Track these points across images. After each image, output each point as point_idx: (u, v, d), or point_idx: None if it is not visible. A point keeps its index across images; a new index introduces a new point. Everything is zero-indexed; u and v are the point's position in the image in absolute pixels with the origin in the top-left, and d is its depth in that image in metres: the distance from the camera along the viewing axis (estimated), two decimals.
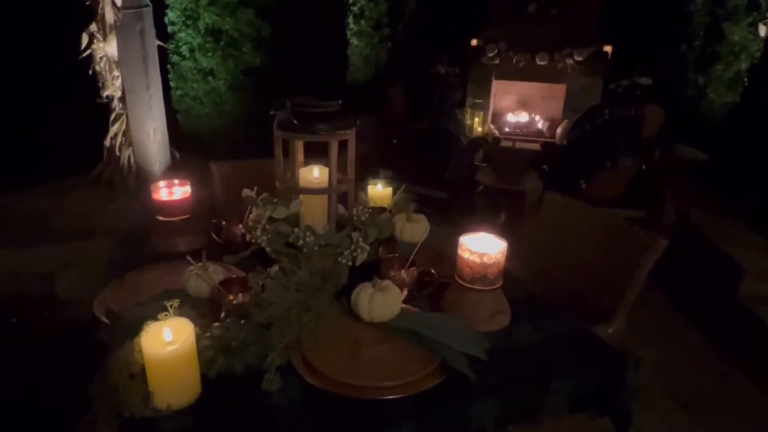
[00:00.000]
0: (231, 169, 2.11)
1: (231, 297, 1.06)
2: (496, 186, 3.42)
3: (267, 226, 1.22)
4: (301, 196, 1.28)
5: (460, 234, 1.19)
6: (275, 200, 1.27)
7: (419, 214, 1.54)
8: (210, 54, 3.43)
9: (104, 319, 1.11)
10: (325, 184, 1.27)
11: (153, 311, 1.03)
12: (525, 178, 3.52)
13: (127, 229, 1.65)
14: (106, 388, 0.82)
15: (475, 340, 1.05)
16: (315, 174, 1.29)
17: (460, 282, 1.16)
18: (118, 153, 3.15)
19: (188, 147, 3.56)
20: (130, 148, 3.17)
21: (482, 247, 1.16)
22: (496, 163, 3.70)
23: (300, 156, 1.33)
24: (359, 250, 1.21)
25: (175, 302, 0.91)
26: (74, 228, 2.77)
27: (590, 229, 1.68)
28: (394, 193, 1.72)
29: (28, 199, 2.82)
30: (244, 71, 3.57)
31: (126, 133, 3.14)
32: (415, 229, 1.48)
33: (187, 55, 3.45)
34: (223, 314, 1.03)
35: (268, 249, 1.22)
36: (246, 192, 1.27)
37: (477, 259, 1.11)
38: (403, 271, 1.22)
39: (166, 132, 3.27)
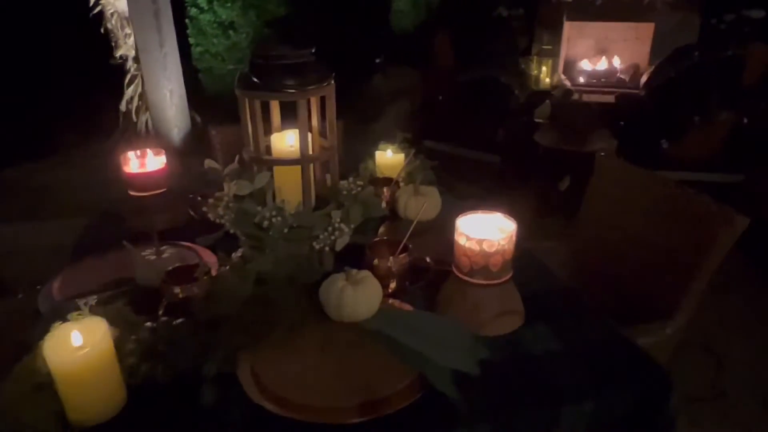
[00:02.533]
0: (233, 134, 2.03)
1: (177, 289, 0.98)
2: (559, 148, 3.16)
3: (230, 204, 1.12)
4: (275, 168, 1.17)
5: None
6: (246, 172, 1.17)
7: (429, 187, 1.39)
8: (229, 5, 3.35)
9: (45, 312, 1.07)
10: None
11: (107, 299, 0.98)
12: (594, 137, 3.23)
13: (104, 204, 1.61)
14: (4, 402, 0.76)
15: (469, 348, 0.91)
16: (289, 141, 1.17)
17: (458, 274, 1.01)
18: (135, 118, 3.18)
19: (212, 109, 3.53)
20: (148, 113, 3.19)
21: (484, 230, 1.01)
22: (560, 121, 3.41)
23: (275, 118, 1.21)
24: (337, 233, 1.09)
25: (92, 299, 0.83)
26: (89, 200, 2.84)
27: (650, 200, 1.46)
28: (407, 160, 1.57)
29: (43, 171, 2.91)
30: (267, 22, 3.47)
31: (142, 96, 3.16)
32: (421, 205, 1.33)
33: (205, 7, 3.39)
34: (161, 310, 0.95)
35: (232, 231, 1.13)
36: (209, 162, 1.17)
37: (475, 247, 0.96)
38: (390, 258, 1.08)
39: (184, 94, 3.26)
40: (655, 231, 1.43)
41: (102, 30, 3.04)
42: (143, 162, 1.43)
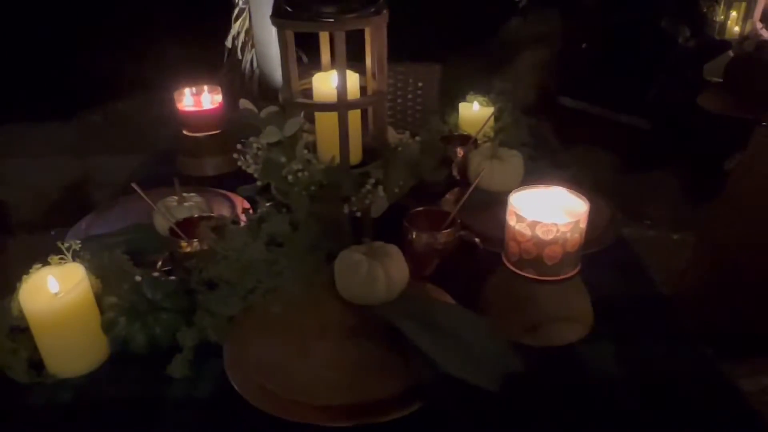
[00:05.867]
0: None
1: (183, 243, 0.96)
2: (730, 115, 2.71)
3: (259, 153, 1.08)
4: (317, 115, 1.10)
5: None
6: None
7: (511, 150, 1.24)
8: None
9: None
10: (352, 96, 1.06)
11: (112, 245, 1.00)
12: None
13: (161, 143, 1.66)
14: None
15: (496, 359, 0.78)
16: (334, 82, 1.08)
17: (506, 263, 0.88)
18: (240, 55, 3.28)
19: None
20: (253, 50, 3.27)
21: (547, 211, 0.85)
22: (738, 80, 2.93)
23: (323, 54, 1.13)
24: (370, 197, 0.99)
25: (75, 244, 0.83)
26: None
27: None
28: (497, 116, 1.42)
29: (145, 106, 3.14)
30: None
31: (249, 31, 3.24)
32: (497, 171, 1.19)
33: None
34: (160, 263, 0.94)
35: (260, 183, 1.09)
36: (244, 103, 1.12)
37: (527, 231, 0.81)
38: (426, 234, 0.97)
39: None
40: None
41: None
42: (198, 100, 1.44)
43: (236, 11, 3.22)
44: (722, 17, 4.40)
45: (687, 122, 2.85)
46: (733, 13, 4.39)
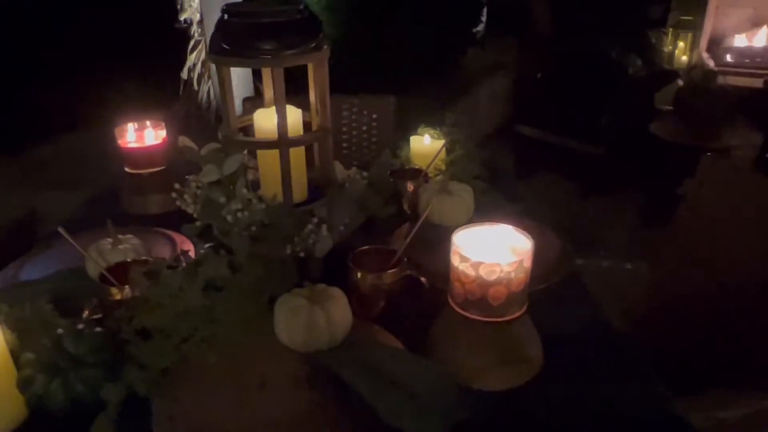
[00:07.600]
0: None
1: (114, 290, 0.91)
2: (680, 142, 2.78)
3: (198, 192, 1.04)
4: (259, 152, 1.07)
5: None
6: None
7: (461, 184, 1.22)
8: None
9: None
10: (294, 132, 1.03)
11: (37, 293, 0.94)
12: (730, 131, 2.82)
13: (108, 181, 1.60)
14: None
15: (443, 406, 0.75)
16: (275, 119, 1.06)
17: (452, 304, 0.85)
18: (196, 86, 3.24)
19: None
20: (210, 81, 3.24)
21: (492, 249, 0.83)
22: (688, 108, 3.02)
23: (266, 90, 1.11)
24: (313, 236, 0.96)
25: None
26: None
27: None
28: (448, 148, 1.41)
29: (95, 141, 3.05)
30: None
31: (205, 63, 3.21)
32: (447, 205, 1.17)
33: None
34: (86, 313, 0.88)
35: (199, 223, 1.04)
36: (182, 141, 1.09)
37: (470, 271, 0.79)
38: (371, 275, 0.93)
39: None
40: None
41: None
42: (141, 136, 1.39)
43: (192, 43, 3.19)
44: (670, 47, 4.57)
45: (640, 149, 2.91)
46: (681, 44, 4.56)
